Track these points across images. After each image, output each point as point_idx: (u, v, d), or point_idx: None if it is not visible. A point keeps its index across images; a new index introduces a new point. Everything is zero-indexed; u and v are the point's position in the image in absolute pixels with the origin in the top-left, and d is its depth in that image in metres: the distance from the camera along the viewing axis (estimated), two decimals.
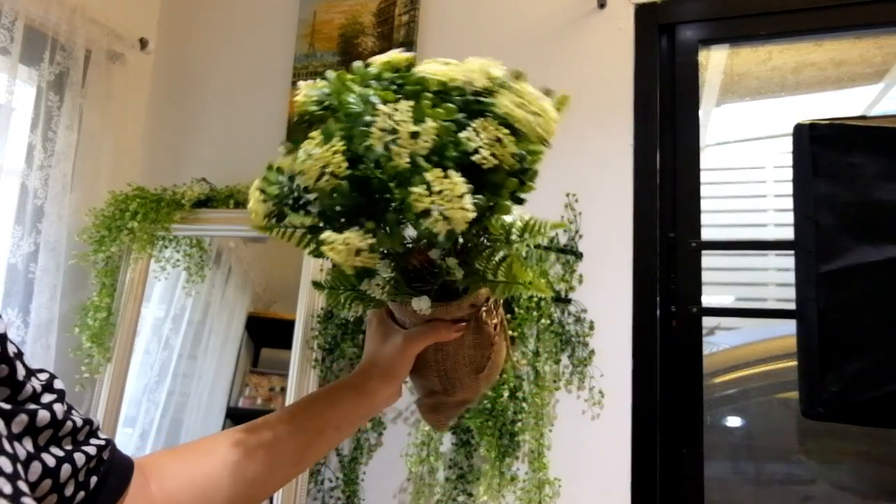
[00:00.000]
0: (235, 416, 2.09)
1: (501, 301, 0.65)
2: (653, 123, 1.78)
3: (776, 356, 1.88)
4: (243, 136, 2.19)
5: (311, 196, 0.55)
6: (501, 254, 0.59)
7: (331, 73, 0.58)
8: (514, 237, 0.59)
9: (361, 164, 0.51)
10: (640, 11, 1.84)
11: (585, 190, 1.79)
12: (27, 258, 1.84)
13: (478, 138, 0.52)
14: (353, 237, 0.50)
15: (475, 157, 0.51)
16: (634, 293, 1.70)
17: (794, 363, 1.21)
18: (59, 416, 0.46)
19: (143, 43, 2.19)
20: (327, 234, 0.52)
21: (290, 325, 1.86)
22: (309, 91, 0.59)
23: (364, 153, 0.51)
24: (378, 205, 0.51)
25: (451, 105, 0.54)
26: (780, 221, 1.88)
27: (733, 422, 1.84)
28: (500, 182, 0.52)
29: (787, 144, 1.26)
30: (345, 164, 0.51)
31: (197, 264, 2.10)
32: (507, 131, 0.53)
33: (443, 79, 0.56)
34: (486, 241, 0.59)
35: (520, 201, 0.55)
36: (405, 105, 0.51)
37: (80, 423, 0.48)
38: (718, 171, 1.91)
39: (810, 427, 1.71)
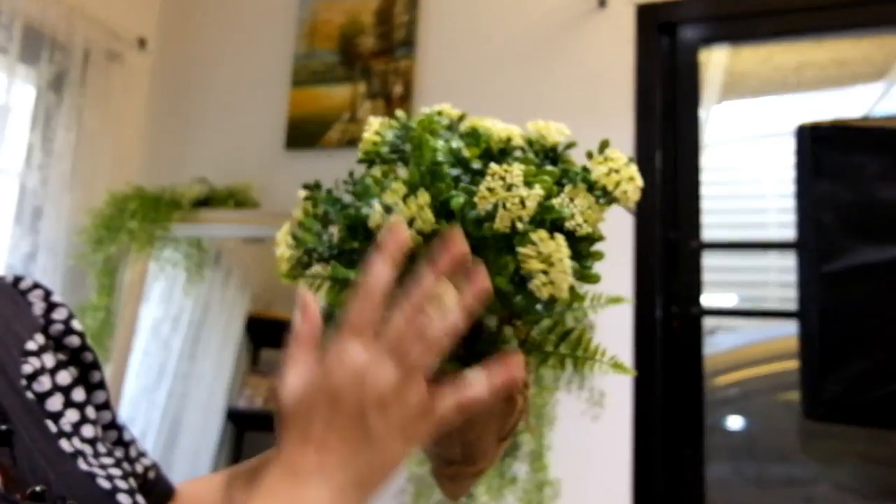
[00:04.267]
0: (235, 416, 2.09)
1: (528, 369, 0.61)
2: (653, 123, 1.77)
3: (777, 357, 1.88)
4: (243, 136, 2.19)
5: (349, 243, 0.53)
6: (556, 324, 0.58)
7: (402, 115, 0.57)
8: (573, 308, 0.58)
9: (445, 220, 0.49)
10: (641, 11, 1.83)
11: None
12: (26, 258, 1.84)
13: (572, 204, 0.51)
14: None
15: (569, 224, 0.50)
16: (635, 293, 1.70)
17: (795, 364, 1.21)
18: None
19: (142, 42, 2.18)
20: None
21: (289, 325, 1.85)
22: (382, 130, 0.56)
23: (459, 210, 0.49)
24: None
25: (553, 170, 0.52)
26: (780, 221, 1.88)
27: (734, 423, 1.84)
28: (588, 250, 0.51)
29: (789, 144, 1.25)
30: (432, 221, 0.49)
31: (196, 264, 2.09)
32: (594, 199, 0.52)
33: (504, 135, 0.54)
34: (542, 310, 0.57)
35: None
36: (517, 168, 0.49)
37: (129, 437, 0.54)
38: (719, 171, 1.90)
39: (812, 428, 1.71)
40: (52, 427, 0.45)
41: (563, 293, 0.48)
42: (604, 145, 0.55)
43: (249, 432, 2.12)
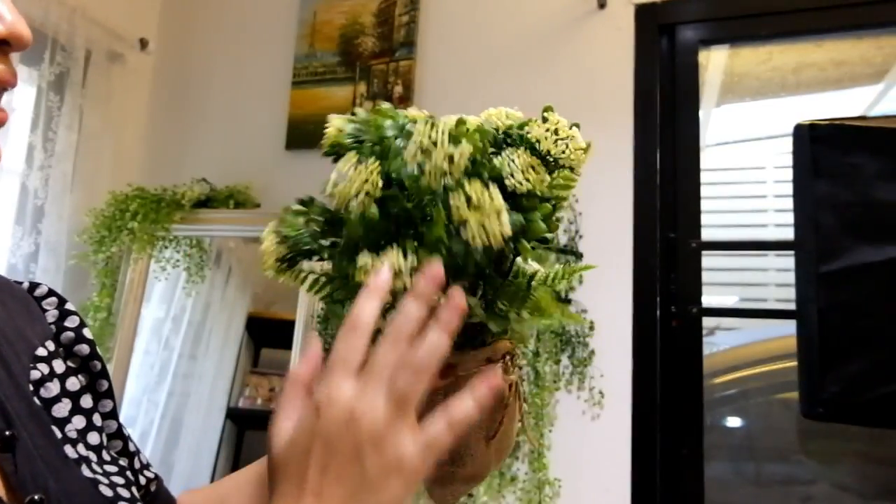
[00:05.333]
0: (235, 416, 2.09)
1: (517, 362, 0.60)
2: (653, 124, 1.78)
3: (776, 356, 1.88)
4: (243, 137, 2.19)
5: (328, 237, 0.54)
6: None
7: (361, 111, 0.58)
8: (535, 282, 0.59)
9: (392, 188, 0.51)
10: (641, 12, 1.84)
11: (585, 190, 1.78)
12: (27, 258, 1.84)
13: (512, 164, 0.53)
14: (394, 258, 0.49)
15: (509, 182, 0.52)
16: (634, 293, 1.70)
17: (794, 363, 1.21)
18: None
19: (144, 43, 2.19)
20: (365, 261, 0.50)
21: (290, 325, 1.86)
22: (342, 124, 0.59)
23: (397, 173, 0.51)
24: (408, 227, 0.51)
25: (487, 129, 0.54)
26: (780, 222, 1.88)
27: (733, 422, 1.84)
28: (534, 206, 0.52)
29: (788, 144, 1.26)
30: (380, 184, 0.51)
31: (197, 264, 2.09)
32: (538, 161, 0.54)
33: (476, 122, 0.56)
34: (511, 285, 0.57)
35: (550, 228, 0.55)
36: (442, 125, 0.52)
37: (133, 448, 0.54)
38: (718, 171, 1.91)
39: (810, 427, 1.71)
40: (58, 433, 0.45)
41: (497, 239, 0.49)
42: (546, 110, 0.57)
43: (250, 431, 2.13)
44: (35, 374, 0.47)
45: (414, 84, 2.00)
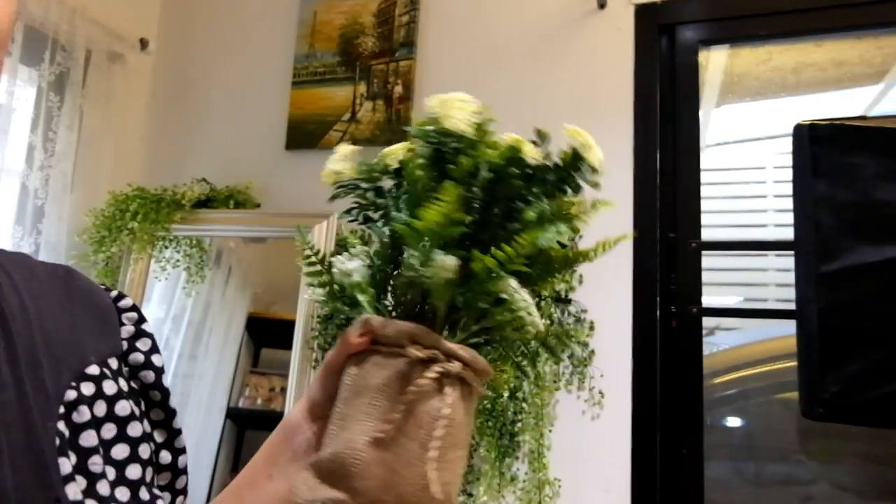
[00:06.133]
0: (235, 416, 2.09)
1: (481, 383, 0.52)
2: (653, 124, 1.78)
3: (776, 356, 1.88)
4: (243, 137, 2.20)
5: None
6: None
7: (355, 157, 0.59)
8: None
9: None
10: (640, 12, 1.84)
11: (585, 190, 1.78)
12: None
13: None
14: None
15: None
16: (634, 293, 1.70)
17: (793, 363, 1.21)
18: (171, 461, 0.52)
19: (144, 43, 2.19)
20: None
21: (290, 325, 1.86)
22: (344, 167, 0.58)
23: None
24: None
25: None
26: (780, 222, 1.89)
27: (733, 422, 1.84)
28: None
29: (787, 145, 1.26)
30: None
31: (197, 265, 2.09)
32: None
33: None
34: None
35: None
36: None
37: (181, 485, 0.53)
38: (718, 172, 1.91)
39: (810, 427, 1.71)
40: (68, 467, 0.41)
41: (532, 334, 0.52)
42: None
43: (250, 431, 2.13)
44: (70, 395, 0.43)
45: (414, 84, 2.00)
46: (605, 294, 1.72)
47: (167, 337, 2.11)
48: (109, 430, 0.45)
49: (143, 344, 0.51)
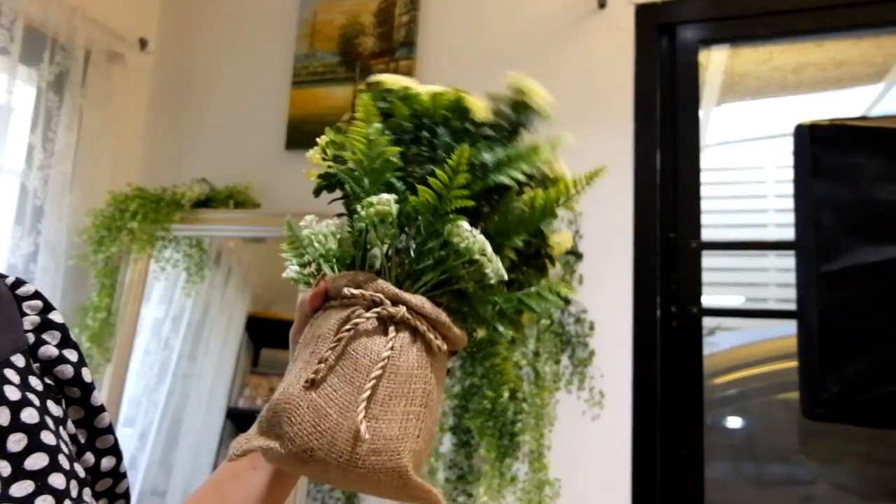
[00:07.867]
0: (235, 416, 2.09)
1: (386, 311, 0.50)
2: (653, 123, 1.78)
3: (777, 357, 1.88)
4: (243, 137, 2.19)
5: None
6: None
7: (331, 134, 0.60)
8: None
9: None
10: (641, 11, 1.84)
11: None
12: (27, 258, 1.84)
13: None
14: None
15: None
16: (635, 293, 1.70)
17: (794, 364, 1.21)
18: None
19: (143, 43, 2.19)
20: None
21: (289, 325, 1.85)
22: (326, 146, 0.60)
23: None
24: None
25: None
26: (780, 222, 1.88)
27: (734, 422, 1.84)
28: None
29: (788, 144, 1.26)
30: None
31: (196, 265, 2.09)
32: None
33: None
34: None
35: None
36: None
37: (122, 489, 0.49)
38: (718, 171, 1.91)
39: (811, 428, 1.71)
40: None
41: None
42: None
43: None
44: None
45: None
46: (606, 294, 1.72)
47: (167, 337, 2.11)
48: (18, 441, 0.38)
49: (51, 336, 0.45)
